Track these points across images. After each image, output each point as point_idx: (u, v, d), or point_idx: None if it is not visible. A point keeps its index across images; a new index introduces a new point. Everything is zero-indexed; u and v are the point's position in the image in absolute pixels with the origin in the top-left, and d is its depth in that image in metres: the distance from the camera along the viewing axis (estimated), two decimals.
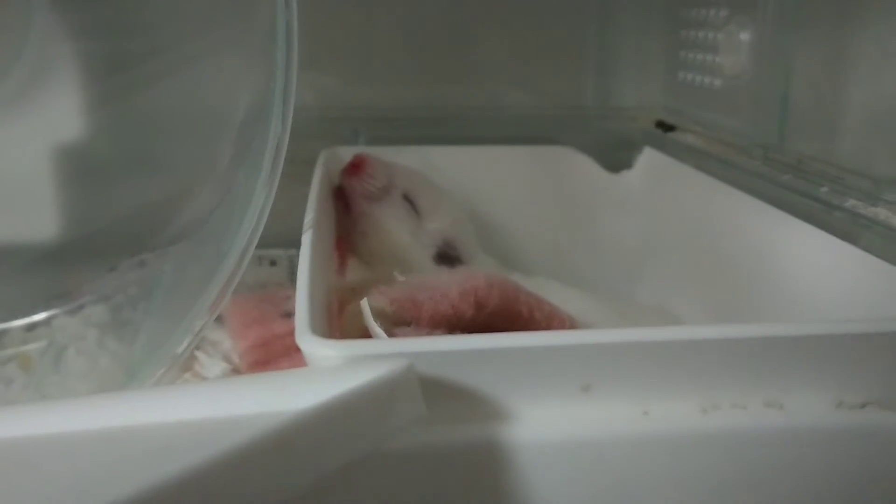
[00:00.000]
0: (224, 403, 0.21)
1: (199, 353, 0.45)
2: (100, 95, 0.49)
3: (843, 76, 0.45)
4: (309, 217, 0.41)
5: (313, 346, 0.27)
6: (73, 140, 0.49)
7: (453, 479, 0.27)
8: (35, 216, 0.50)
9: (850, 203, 0.42)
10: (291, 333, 0.28)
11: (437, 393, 0.27)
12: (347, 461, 0.20)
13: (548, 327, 0.40)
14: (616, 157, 0.61)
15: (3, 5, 0.47)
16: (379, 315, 0.35)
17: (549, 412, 0.28)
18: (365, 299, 0.35)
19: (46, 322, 0.49)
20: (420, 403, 0.24)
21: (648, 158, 0.60)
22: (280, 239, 0.52)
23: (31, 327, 0.49)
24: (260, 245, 0.57)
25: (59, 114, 0.49)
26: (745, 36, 0.53)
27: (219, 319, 0.48)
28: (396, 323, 0.35)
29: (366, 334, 0.34)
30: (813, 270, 0.40)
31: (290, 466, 0.18)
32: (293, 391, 0.21)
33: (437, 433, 0.27)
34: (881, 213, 0.40)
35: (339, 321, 0.37)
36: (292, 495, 0.18)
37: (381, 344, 0.28)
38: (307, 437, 0.19)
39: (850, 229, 0.40)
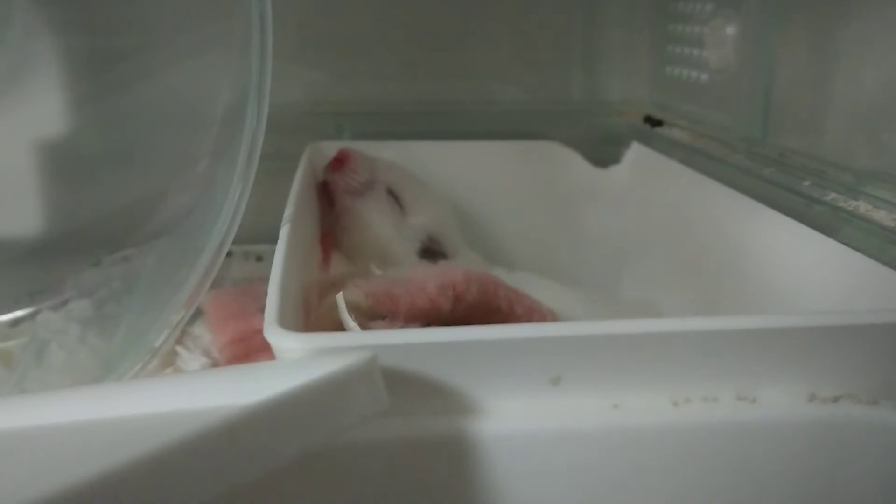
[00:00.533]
0: (178, 397, 0.21)
1: (179, 348, 0.45)
2: (82, 92, 0.49)
3: (826, 70, 0.45)
4: (289, 211, 0.41)
5: (279, 338, 0.27)
6: (57, 136, 0.49)
7: (421, 472, 0.27)
8: (18, 211, 0.50)
9: (831, 196, 0.42)
10: None
11: (404, 386, 0.27)
12: (305, 452, 0.20)
13: (528, 322, 0.39)
14: (603, 152, 0.61)
15: None
16: (354, 308, 0.35)
17: (518, 405, 0.28)
18: (340, 293, 0.35)
19: (30, 317, 0.49)
20: (382, 396, 0.24)
21: (635, 153, 0.60)
22: (266, 234, 0.52)
23: (15, 322, 0.49)
24: (246, 240, 0.57)
25: (42, 109, 0.49)
26: (730, 30, 0.53)
27: (200, 314, 0.48)
28: (372, 317, 0.35)
29: (340, 328, 0.34)
30: (794, 264, 0.40)
31: (239, 458, 0.18)
32: (251, 383, 0.21)
33: (404, 426, 0.27)
34: (861, 206, 0.40)
35: (316, 315, 0.37)
36: (241, 485, 0.18)
37: (347, 337, 0.28)
38: (257, 430, 0.19)
39: (830, 222, 0.40)
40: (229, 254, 0.59)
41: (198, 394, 0.21)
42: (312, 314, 0.38)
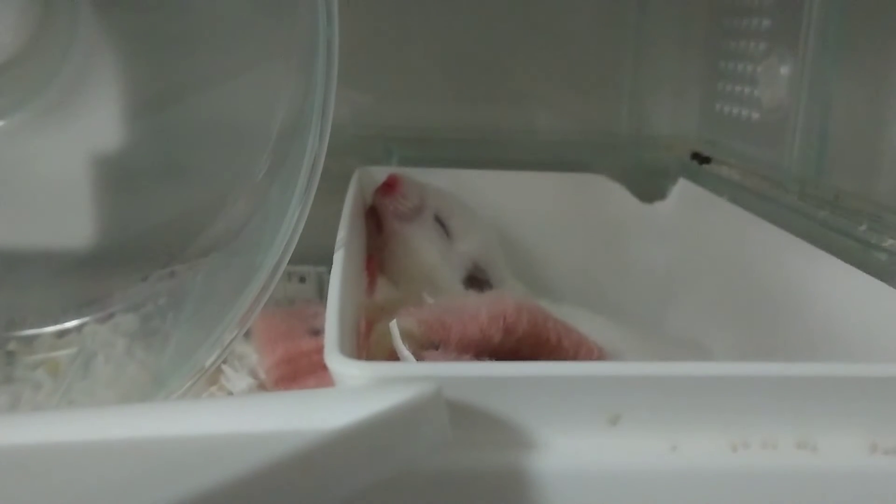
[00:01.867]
0: (252, 419, 0.21)
1: (225, 367, 0.45)
2: (138, 105, 0.49)
3: (883, 111, 0.45)
4: (341, 235, 0.41)
5: (342, 365, 0.27)
6: (111, 148, 0.49)
7: None
8: (71, 223, 0.50)
9: (889, 243, 0.41)
10: (318, 350, 0.28)
11: (463, 418, 0.27)
12: (372, 483, 0.20)
13: (575, 355, 0.39)
14: (649, 187, 0.61)
15: (50, 12, 0.47)
16: (407, 336, 0.35)
17: (576, 442, 0.28)
18: (394, 320, 0.35)
19: (77, 329, 0.50)
20: (446, 428, 0.24)
21: (683, 190, 0.59)
22: (310, 255, 0.52)
23: (62, 334, 0.49)
24: (290, 261, 0.57)
25: (99, 122, 0.49)
26: (784, 69, 0.53)
27: (246, 333, 0.48)
28: (424, 345, 0.35)
29: (393, 355, 0.34)
30: (848, 310, 0.40)
31: (314, 486, 0.18)
32: (321, 410, 0.21)
33: (463, 458, 0.27)
34: None
35: (367, 341, 0.37)
36: None
37: (409, 367, 0.28)
38: (333, 458, 0.19)
39: (888, 269, 0.40)
40: None
41: (269, 417, 0.21)
42: (361, 339, 0.38)
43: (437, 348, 0.35)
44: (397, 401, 0.22)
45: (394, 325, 0.34)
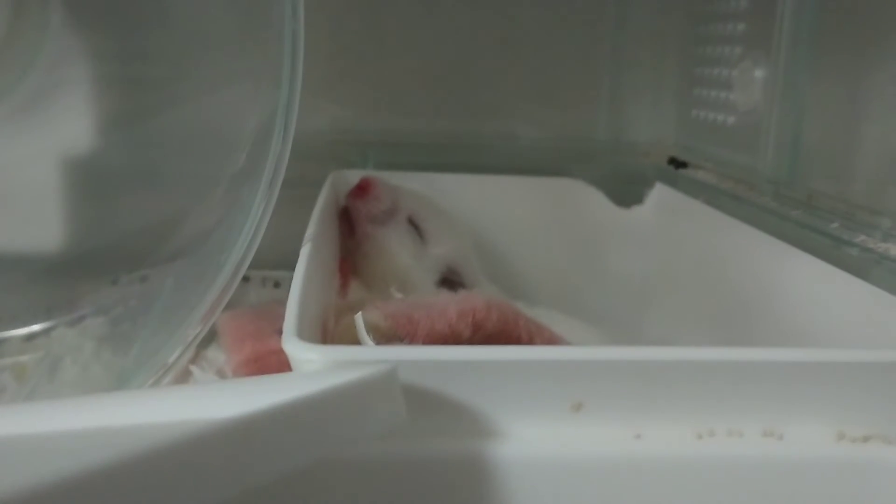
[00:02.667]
0: (183, 405, 0.20)
1: (193, 368, 0.45)
2: (111, 115, 0.49)
3: (856, 113, 0.45)
4: (310, 232, 0.41)
5: (298, 350, 0.26)
6: (83, 154, 0.49)
7: (435, 492, 0.26)
8: (40, 228, 0.50)
9: (861, 239, 0.41)
10: None
11: (422, 405, 0.26)
12: (315, 459, 0.20)
13: None
14: (626, 192, 0.61)
15: (19, 20, 0.47)
16: (373, 329, 0.34)
17: (538, 430, 0.27)
18: (359, 313, 0.34)
19: (45, 332, 0.49)
20: (400, 410, 0.23)
21: (659, 194, 0.59)
22: (285, 261, 0.52)
23: (31, 337, 0.49)
24: (265, 266, 0.57)
25: (69, 130, 0.49)
26: (759, 72, 0.53)
27: (215, 336, 0.47)
28: (390, 339, 0.35)
29: None
30: (824, 305, 0.40)
31: (245, 462, 0.18)
32: (263, 392, 0.21)
33: (423, 446, 0.26)
34: (892, 248, 0.39)
35: (334, 334, 0.37)
36: (251, 489, 0.17)
37: (367, 350, 0.28)
38: (269, 433, 0.18)
39: (860, 264, 0.39)
40: (247, 279, 0.59)
41: (206, 401, 0.21)
42: (330, 336, 0.38)
43: (403, 343, 0.35)
44: (346, 380, 0.21)
45: (359, 318, 0.34)
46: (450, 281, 0.51)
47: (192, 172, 0.48)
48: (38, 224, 0.50)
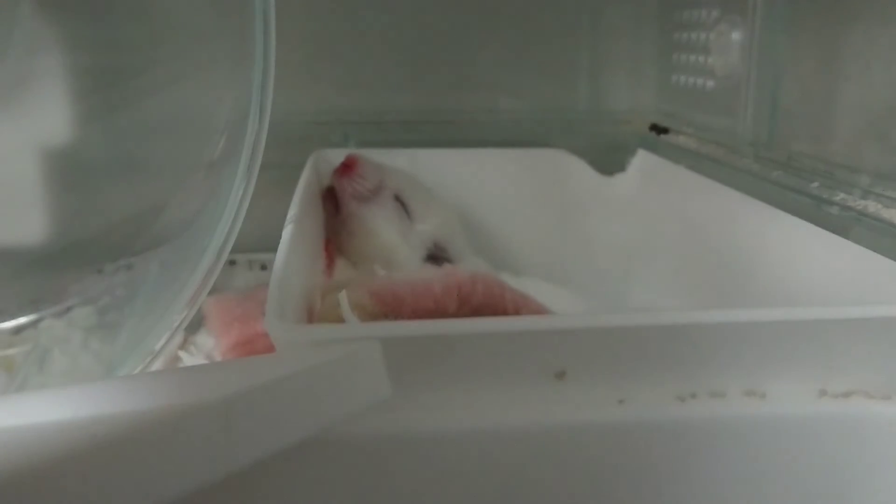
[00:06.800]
0: (171, 388, 0.20)
1: (182, 353, 0.45)
2: (88, 104, 0.49)
3: (833, 73, 0.45)
4: (292, 213, 0.41)
5: (279, 330, 0.26)
6: (62, 145, 0.49)
7: (422, 466, 0.26)
8: (23, 220, 0.49)
9: (841, 197, 0.41)
10: None
11: (405, 380, 0.26)
12: (302, 437, 0.20)
13: None
14: (609, 161, 0.61)
15: None
16: (358, 308, 0.34)
17: (523, 400, 0.28)
18: (343, 291, 0.34)
19: (33, 325, 0.49)
20: (383, 385, 0.23)
21: (642, 160, 0.59)
22: (271, 243, 0.52)
23: (18, 330, 0.49)
24: (251, 249, 0.57)
25: (47, 120, 0.49)
26: (735, 35, 0.53)
27: (202, 322, 0.48)
28: (375, 317, 0.35)
29: None
30: (806, 264, 0.40)
31: (230, 442, 0.18)
32: (247, 372, 0.21)
33: (406, 420, 0.26)
34: (871, 205, 0.39)
35: (318, 314, 0.37)
36: (236, 470, 0.18)
37: (349, 328, 0.28)
38: (253, 412, 0.18)
39: (841, 223, 0.40)
40: (233, 262, 0.59)
41: (187, 384, 0.21)
42: (315, 316, 0.38)
43: (388, 320, 0.35)
44: (326, 358, 0.21)
45: (342, 296, 0.34)
46: (436, 257, 0.52)
47: (173, 159, 0.48)
48: (20, 216, 0.50)
